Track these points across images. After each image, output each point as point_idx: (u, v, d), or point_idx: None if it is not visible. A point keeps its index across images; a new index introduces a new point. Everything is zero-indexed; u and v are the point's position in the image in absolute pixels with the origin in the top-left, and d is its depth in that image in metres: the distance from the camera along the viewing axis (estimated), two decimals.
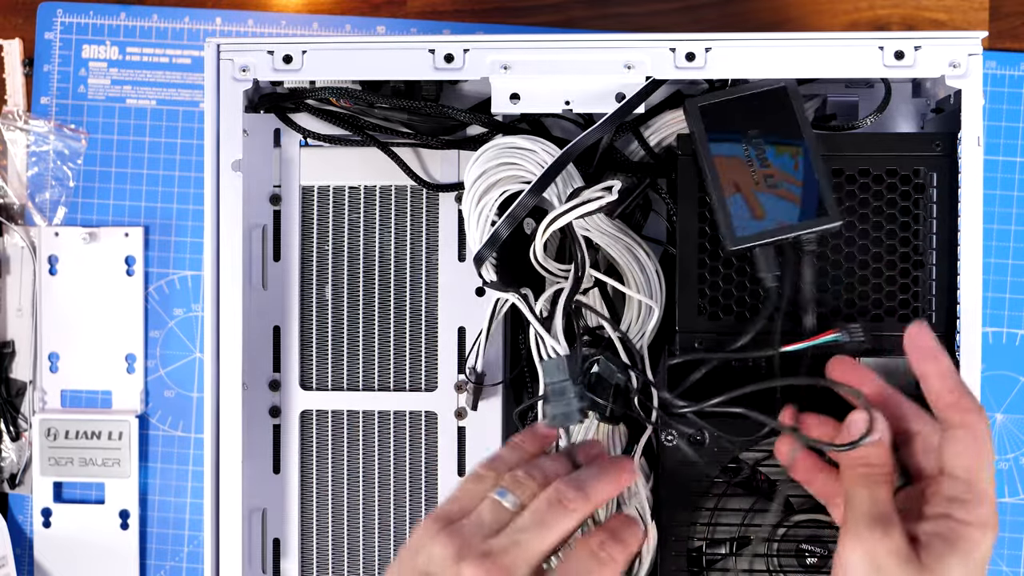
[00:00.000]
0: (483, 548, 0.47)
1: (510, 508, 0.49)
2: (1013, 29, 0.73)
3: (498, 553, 0.47)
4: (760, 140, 0.55)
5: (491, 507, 0.49)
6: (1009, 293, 0.72)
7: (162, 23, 0.75)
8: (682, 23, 0.73)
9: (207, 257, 0.60)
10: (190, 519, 0.75)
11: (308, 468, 0.65)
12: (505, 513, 0.49)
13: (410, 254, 0.64)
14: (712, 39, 0.58)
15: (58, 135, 0.75)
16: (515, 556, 0.47)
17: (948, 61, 0.57)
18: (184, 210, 0.75)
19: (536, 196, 0.57)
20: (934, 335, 0.51)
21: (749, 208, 0.55)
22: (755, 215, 0.55)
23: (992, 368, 0.72)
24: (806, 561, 0.57)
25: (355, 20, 0.75)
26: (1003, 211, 0.72)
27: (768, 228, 0.55)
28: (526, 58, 0.58)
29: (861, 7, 0.73)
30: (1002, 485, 0.72)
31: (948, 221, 0.57)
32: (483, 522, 0.49)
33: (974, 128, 0.56)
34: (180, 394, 0.75)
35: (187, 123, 0.75)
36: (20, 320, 0.75)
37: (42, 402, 0.75)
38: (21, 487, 0.75)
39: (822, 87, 0.63)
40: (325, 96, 0.62)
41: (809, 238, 0.55)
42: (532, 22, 0.74)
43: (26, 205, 0.76)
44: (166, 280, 0.75)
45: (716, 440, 0.56)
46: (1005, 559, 0.71)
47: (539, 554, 0.48)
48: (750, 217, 0.55)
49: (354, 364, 0.64)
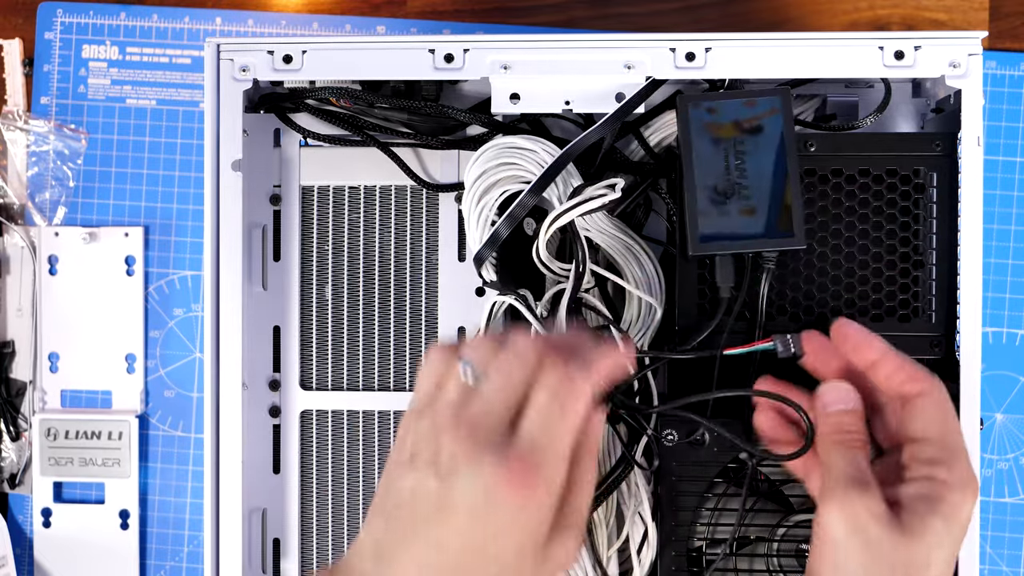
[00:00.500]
0: (456, 416, 0.45)
1: (472, 382, 0.47)
2: (1013, 29, 0.73)
3: (470, 417, 0.45)
4: (743, 149, 0.55)
5: (456, 384, 0.47)
6: (1009, 293, 0.72)
7: (162, 23, 0.75)
8: (682, 23, 0.73)
9: (207, 257, 0.60)
10: (190, 519, 0.75)
11: (308, 468, 0.65)
12: (471, 388, 0.47)
13: (410, 254, 0.64)
14: (712, 39, 0.58)
15: (58, 135, 0.75)
16: (485, 419, 0.45)
17: (948, 61, 0.57)
18: (184, 210, 0.75)
19: (536, 196, 0.57)
20: (858, 324, 0.52)
21: (718, 215, 0.55)
22: (722, 223, 0.55)
23: (992, 368, 0.72)
24: (806, 561, 0.57)
25: (355, 20, 0.75)
26: (1003, 211, 0.72)
27: (732, 239, 0.54)
28: (526, 58, 0.58)
29: (861, 7, 0.73)
30: (1002, 485, 0.72)
31: (948, 221, 0.57)
32: (450, 397, 0.46)
33: (974, 128, 0.56)
34: (180, 394, 0.75)
35: (187, 123, 0.75)
36: (20, 320, 0.75)
37: (42, 402, 0.75)
38: (21, 487, 0.75)
39: (822, 87, 0.63)
40: (325, 96, 0.62)
41: (770, 255, 0.55)
42: (532, 22, 0.74)
43: (26, 205, 0.76)
44: (166, 280, 0.75)
45: (716, 440, 0.56)
46: (1005, 559, 0.71)
47: (511, 408, 0.45)
48: (717, 225, 0.55)
49: (354, 364, 0.64)
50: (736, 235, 0.54)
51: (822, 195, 0.58)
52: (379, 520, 0.46)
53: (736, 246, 0.55)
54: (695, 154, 0.55)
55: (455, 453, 0.44)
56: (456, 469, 0.44)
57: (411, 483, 0.45)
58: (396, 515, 0.45)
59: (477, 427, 0.45)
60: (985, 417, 0.71)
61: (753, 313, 0.57)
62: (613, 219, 0.60)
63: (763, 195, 0.54)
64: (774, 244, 0.55)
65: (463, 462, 0.44)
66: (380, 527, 0.45)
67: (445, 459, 0.44)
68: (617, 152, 0.62)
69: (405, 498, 0.45)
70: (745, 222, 0.55)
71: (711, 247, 0.55)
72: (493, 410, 0.45)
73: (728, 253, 0.55)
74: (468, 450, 0.44)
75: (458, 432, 0.44)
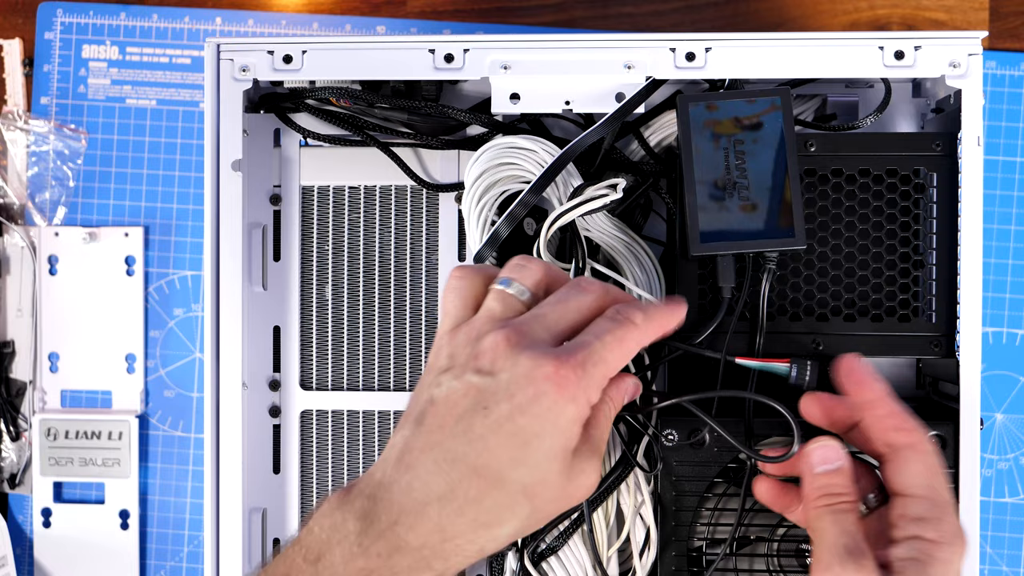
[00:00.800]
0: (501, 321, 0.45)
1: (515, 295, 0.47)
2: (1013, 29, 0.73)
3: (518, 322, 0.44)
4: (743, 149, 0.55)
5: (497, 296, 0.47)
6: (1009, 293, 0.72)
7: (162, 23, 0.75)
8: (682, 23, 0.73)
9: (207, 257, 0.60)
10: (190, 519, 0.75)
11: (308, 468, 0.65)
12: (514, 300, 0.47)
13: (410, 254, 0.64)
14: (712, 39, 0.58)
15: (58, 135, 0.75)
16: (534, 323, 0.45)
17: (948, 61, 0.57)
18: (184, 210, 0.75)
19: (536, 195, 0.57)
20: (867, 362, 0.51)
21: (718, 215, 0.55)
22: (723, 223, 0.55)
23: (992, 368, 0.72)
24: (806, 561, 0.57)
25: (355, 20, 0.75)
26: (1003, 211, 0.72)
27: (732, 238, 0.54)
28: (526, 58, 0.58)
29: (861, 7, 0.73)
30: (1002, 485, 0.72)
31: (948, 221, 0.57)
32: (493, 308, 0.46)
33: (974, 128, 0.56)
34: (180, 394, 0.75)
35: (187, 123, 0.75)
36: (20, 320, 0.75)
37: (42, 402, 0.75)
38: (21, 487, 0.75)
39: (822, 87, 0.63)
40: (325, 96, 0.62)
41: (771, 255, 0.55)
42: (532, 22, 0.74)
43: (26, 205, 0.76)
44: (166, 280, 0.75)
45: (716, 440, 0.56)
46: (1005, 559, 0.71)
47: (562, 325, 0.45)
48: (717, 224, 0.55)
49: (354, 364, 0.64)
50: (736, 235, 0.54)
51: (822, 195, 0.58)
52: (407, 427, 0.45)
53: (737, 246, 0.55)
54: (695, 154, 0.55)
55: (499, 348, 0.43)
56: (499, 363, 0.43)
57: (448, 381, 0.44)
58: (427, 416, 0.44)
59: (524, 330, 0.44)
60: (985, 417, 0.71)
61: (754, 313, 0.57)
62: (613, 219, 0.60)
63: (763, 195, 0.54)
64: (774, 244, 0.55)
65: (507, 355, 0.43)
66: (406, 433, 0.45)
67: (487, 356, 0.44)
68: (617, 152, 0.62)
69: (439, 396, 0.44)
70: (745, 222, 0.54)
71: (712, 247, 0.54)
72: (545, 322, 0.45)
73: (729, 253, 0.55)
74: (515, 345, 0.43)
75: (503, 331, 0.44)
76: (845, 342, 0.57)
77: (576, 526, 0.59)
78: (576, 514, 0.59)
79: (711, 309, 0.58)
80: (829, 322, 0.57)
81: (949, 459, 0.56)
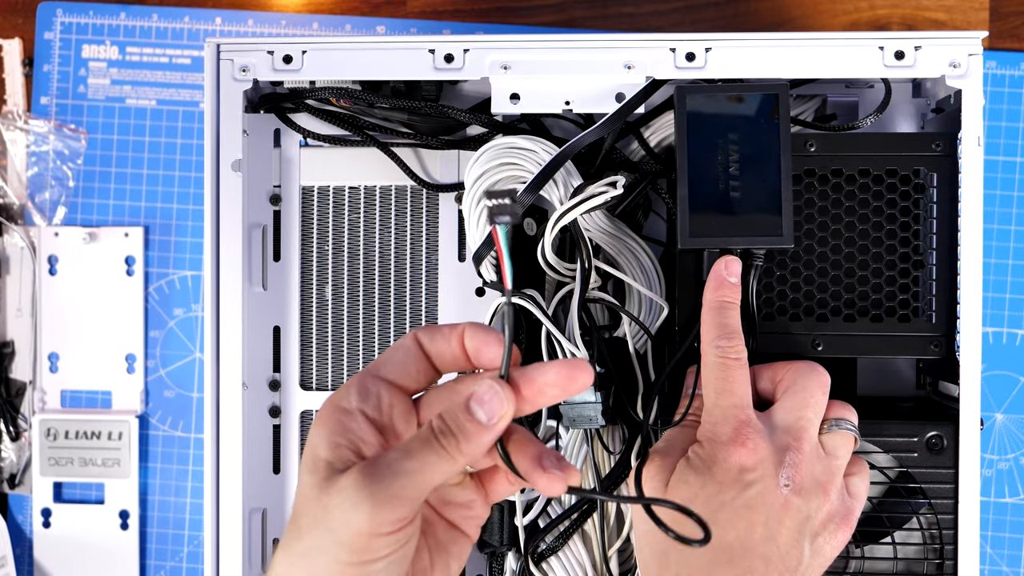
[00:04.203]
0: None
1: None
2: (1013, 29, 0.73)
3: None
4: (737, 145, 0.55)
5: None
6: (1009, 293, 0.72)
7: (162, 23, 0.75)
8: (682, 23, 0.73)
9: (207, 257, 0.60)
10: (190, 519, 0.75)
11: None
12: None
13: (410, 254, 0.64)
14: (712, 39, 0.58)
15: (58, 135, 0.75)
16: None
17: (948, 61, 0.57)
18: (184, 210, 0.75)
19: (533, 194, 0.57)
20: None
21: (708, 210, 0.55)
22: (712, 218, 0.55)
23: (992, 368, 0.72)
24: None
25: (355, 20, 0.75)
26: (1003, 211, 0.72)
27: (720, 234, 0.55)
28: (526, 58, 0.58)
29: (861, 7, 0.73)
30: (1002, 485, 0.72)
31: (948, 221, 0.57)
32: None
33: (974, 128, 0.56)
34: (180, 394, 0.75)
35: (187, 123, 0.75)
36: (20, 320, 0.75)
37: (42, 402, 0.75)
38: (21, 487, 0.75)
39: (822, 87, 0.63)
40: (325, 96, 0.62)
41: (758, 252, 0.56)
42: (532, 22, 0.74)
43: (26, 205, 0.76)
44: (166, 280, 0.75)
45: None
46: (1005, 559, 0.71)
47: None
48: (707, 218, 0.55)
49: (354, 364, 0.64)
50: (725, 230, 0.55)
51: (822, 195, 0.58)
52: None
53: (724, 241, 0.55)
54: (690, 147, 0.55)
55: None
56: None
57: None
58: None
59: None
60: (985, 417, 0.71)
61: (747, 313, 0.57)
62: (613, 219, 0.60)
63: (755, 190, 0.55)
64: (762, 241, 0.55)
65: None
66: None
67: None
68: (617, 152, 0.62)
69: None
70: (735, 217, 0.55)
71: (700, 241, 0.55)
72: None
73: (715, 248, 0.55)
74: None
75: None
76: (845, 342, 0.57)
77: (576, 526, 0.59)
78: (576, 514, 0.59)
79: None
80: (829, 322, 0.57)
81: (949, 459, 0.56)
